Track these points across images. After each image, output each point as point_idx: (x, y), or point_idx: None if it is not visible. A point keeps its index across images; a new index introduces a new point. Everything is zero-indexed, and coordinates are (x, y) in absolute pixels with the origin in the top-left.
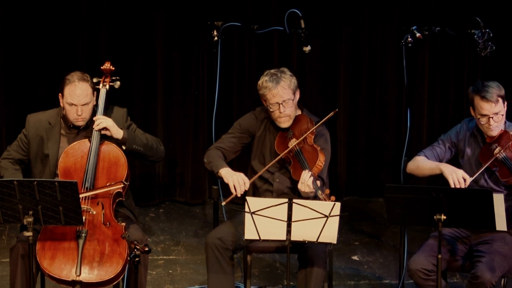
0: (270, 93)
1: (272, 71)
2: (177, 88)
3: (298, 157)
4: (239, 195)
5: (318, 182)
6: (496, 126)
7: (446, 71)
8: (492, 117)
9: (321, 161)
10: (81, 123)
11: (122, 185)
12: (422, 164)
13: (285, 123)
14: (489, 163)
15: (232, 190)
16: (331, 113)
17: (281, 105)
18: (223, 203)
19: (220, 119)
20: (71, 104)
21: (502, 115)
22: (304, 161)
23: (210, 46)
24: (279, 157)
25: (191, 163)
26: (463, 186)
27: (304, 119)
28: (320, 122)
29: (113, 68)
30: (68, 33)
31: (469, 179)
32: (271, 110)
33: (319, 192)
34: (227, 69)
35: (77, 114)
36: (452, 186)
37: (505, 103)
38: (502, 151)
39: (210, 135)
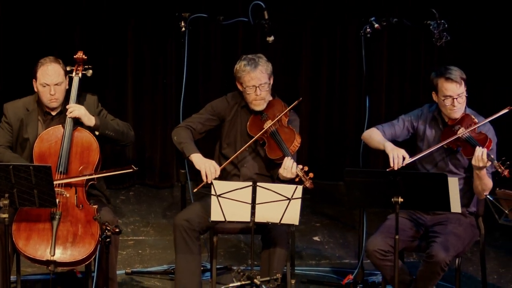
0: (248, 76)
1: (249, 56)
2: (147, 76)
3: (274, 137)
4: (209, 182)
5: (300, 166)
6: (459, 108)
7: (403, 60)
8: (456, 98)
9: (298, 141)
10: (54, 104)
11: (132, 170)
12: (374, 136)
13: (259, 106)
14: (448, 140)
15: (204, 177)
16: (296, 102)
17: (257, 88)
18: (195, 190)
19: (187, 107)
20: (44, 85)
21: (466, 96)
22: (281, 141)
23: (178, 37)
24: (254, 138)
25: (159, 148)
26: (400, 164)
27: (278, 103)
28: (289, 108)
29: (86, 57)
30: (48, 27)
31: (408, 159)
32: (247, 93)
33: (298, 169)
34: (194, 59)
35: (50, 94)
36: (391, 162)
37: (466, 86)
38: (465, 131)
39: (177, 122)
